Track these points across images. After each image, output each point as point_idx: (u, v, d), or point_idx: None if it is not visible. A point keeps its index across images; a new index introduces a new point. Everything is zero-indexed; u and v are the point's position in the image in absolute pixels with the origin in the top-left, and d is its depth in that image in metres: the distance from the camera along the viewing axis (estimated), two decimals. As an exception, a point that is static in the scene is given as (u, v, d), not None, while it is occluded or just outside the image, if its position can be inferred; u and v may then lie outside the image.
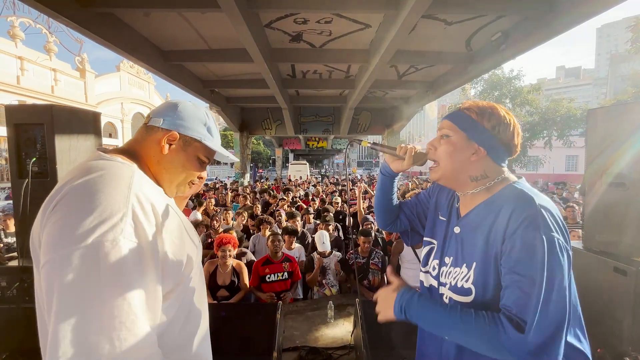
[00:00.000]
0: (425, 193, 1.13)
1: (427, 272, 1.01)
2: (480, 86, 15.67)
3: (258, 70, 8.38)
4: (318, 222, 4.89)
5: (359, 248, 3.14)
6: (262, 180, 16.92)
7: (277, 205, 5.70)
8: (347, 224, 4.47)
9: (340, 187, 9.31)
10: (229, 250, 2.70)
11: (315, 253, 3.13)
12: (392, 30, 6.10)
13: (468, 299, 0.83)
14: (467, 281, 0.84)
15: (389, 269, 0.97)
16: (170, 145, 0.80)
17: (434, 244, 1.00)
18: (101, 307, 0.55)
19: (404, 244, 3.20)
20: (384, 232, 4.13)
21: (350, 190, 7.41)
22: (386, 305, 0.87)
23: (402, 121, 15.01)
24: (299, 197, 7.66)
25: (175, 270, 0.72)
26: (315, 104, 14.50)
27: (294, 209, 4.21)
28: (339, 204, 5.60)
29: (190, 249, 0.80)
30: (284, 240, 3.17)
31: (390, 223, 1.17)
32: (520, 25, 6.66)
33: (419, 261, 3.16)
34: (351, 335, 2.20)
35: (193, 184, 0.88)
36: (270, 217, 3.91)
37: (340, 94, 12.78)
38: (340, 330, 2.45)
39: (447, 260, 0.92)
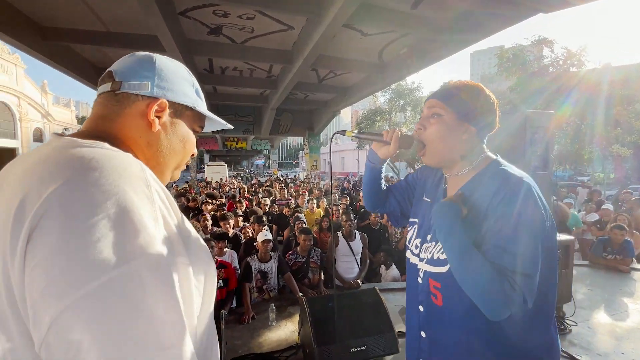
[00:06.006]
0: (413, 176, 1.15)
1: (410, 250, 1.04)
2: (388, 94, 17.55)
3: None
4: (247, 224, 4.70)
5: (299, 247, 3.14)
6: (174, 184, 15.35)
7: (201, 208, 5.27)
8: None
9: (264, 188, 9.16)
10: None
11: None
12: (316, 35, 6.29)
13: (443, 269, 0.86)
14: (442, 253, 0.86)
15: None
16: (158, 118, 0.59)
17: (416, 224, 1.03)
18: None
19: (339, 239, 3.34)
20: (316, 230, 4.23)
21: (280, 190, 7.35)
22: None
23: (322, 124, 15.62)
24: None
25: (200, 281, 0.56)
26: (235, 103, 13.89)
27: (224, 213, 3.94)
28: (268, 205, 5.50)
29: (204, 248, 0.61)
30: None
31: (379, 206, 1.18)
32: (421, 44, 7.68)
33: (353, 254, 3.37)
34: (298, 334, 2.18)
35: (186, 164, 0.71)
36: (196, 222, 3.58)
37: (262, 93, 12.55)
38: (284, 331, 2.40)
39: (428, 237, 0.94)
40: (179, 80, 0.62)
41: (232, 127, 0.80)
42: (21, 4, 5.74)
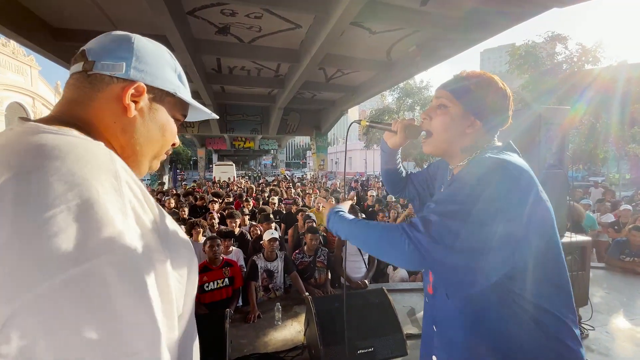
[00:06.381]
0: (434, 165, 1.14)
1: None
2: (396, 93, 17.41)
3: (179, 62, 7.66)
4: (254, 223, 4.68)
5: (306, 246, 3.10)
6: (183, 183, 15.52)
7: (208, 207, 5.28)
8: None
9: (270, 187, 9.15)
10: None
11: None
12: (323, 34, 6.25)
13: None
14: None
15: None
16: (135, 103, 0.53)
17: None
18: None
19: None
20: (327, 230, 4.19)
21: (287, 189, 7.35)
22: (323, 217, 0.97)
23: (329, 123, 15.58)
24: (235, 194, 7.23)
25: (179, 277, 0.52)
26: (243, 102, 13.96)
27: (231, 211, 3.93)
28: (276, 204, 5.48)
29: (186, 243, 0.58)
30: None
31: (399, 191, 1.23)
32: (430, 42, 7.57)
33: (361, 254, 3.31)
34: (304, 334, 2.14)
35: (166, 154, 0.65)
36: (203, 221, 3.57)
37: (269, 93, 12.58)
38: (289, 331, 2.37)
39: None
40: (159, 64, 0.57)
41: (217, 117, 0.76)
42: (33, 5, 5.84)
